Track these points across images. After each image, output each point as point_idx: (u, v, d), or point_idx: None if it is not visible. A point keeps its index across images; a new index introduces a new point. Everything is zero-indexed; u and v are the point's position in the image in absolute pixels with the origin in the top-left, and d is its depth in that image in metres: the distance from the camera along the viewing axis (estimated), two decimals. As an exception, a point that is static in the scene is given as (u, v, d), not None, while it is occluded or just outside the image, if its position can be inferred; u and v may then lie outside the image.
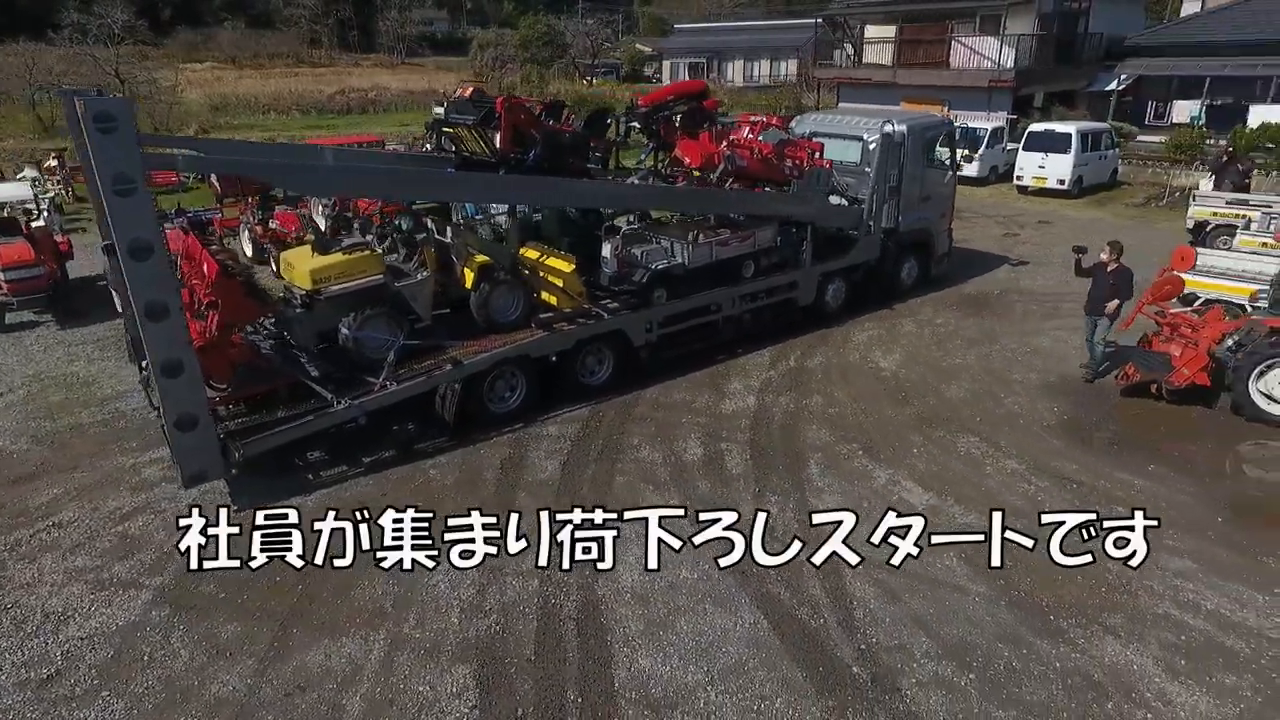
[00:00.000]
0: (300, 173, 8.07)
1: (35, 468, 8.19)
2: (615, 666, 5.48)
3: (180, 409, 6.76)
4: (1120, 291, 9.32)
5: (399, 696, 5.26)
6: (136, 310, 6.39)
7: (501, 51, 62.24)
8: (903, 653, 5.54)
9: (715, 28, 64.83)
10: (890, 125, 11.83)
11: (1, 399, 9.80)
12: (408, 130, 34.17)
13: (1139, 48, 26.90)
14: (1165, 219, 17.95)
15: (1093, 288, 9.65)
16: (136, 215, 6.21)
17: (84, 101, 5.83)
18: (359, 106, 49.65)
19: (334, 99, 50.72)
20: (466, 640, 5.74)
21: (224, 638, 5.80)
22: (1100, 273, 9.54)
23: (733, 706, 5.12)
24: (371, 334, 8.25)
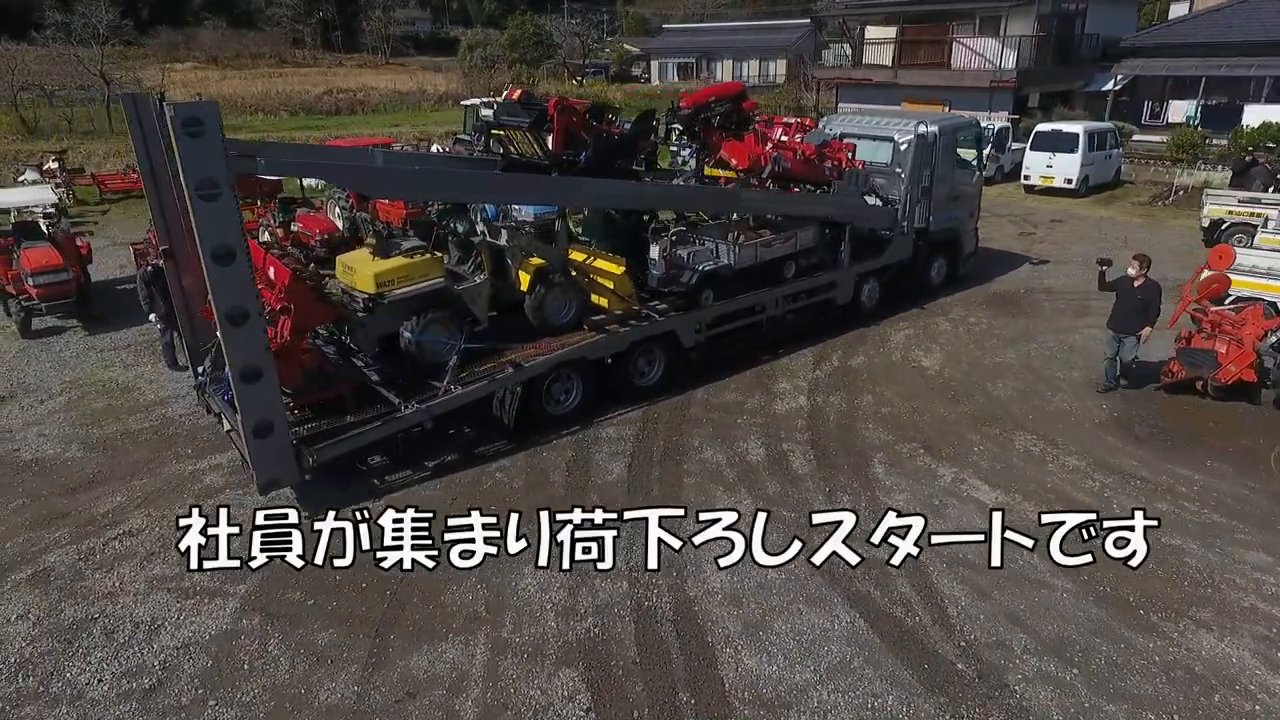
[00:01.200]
0: (379, 176, 8.04)
1: (93, 475, 8.08)
2: (722, 667, 5.51)
3: (258, 415, 6.70)
4: (1150, 308, 9.02)
5: (511, 701, 5.25)
6: (218, 316, 6.33)
7: (490, 52, 62.01)
8: (1003, 649, 5.62)
9: (704, 28, 65.04)
10: (924, 126, 11.95)
11: (43, 405, 9.66)
12: (398, 131, 34.10)
13: (1134, 48, 27.34)
14: (1174, 218, 18.27)
15: (1119, 303, 9.26)
16: (222, 220, 6.15)
17: (174, 106, 5.76)
18: (347, 107, 49.28)
19: (321, 99, 50.31)
20: (568, 643, 5.74)
21: (322, 645, 5.76)
22: (1127, 288, 9.18)
23: (846, 705, 5.17)
24: (433, 337, 8.22)
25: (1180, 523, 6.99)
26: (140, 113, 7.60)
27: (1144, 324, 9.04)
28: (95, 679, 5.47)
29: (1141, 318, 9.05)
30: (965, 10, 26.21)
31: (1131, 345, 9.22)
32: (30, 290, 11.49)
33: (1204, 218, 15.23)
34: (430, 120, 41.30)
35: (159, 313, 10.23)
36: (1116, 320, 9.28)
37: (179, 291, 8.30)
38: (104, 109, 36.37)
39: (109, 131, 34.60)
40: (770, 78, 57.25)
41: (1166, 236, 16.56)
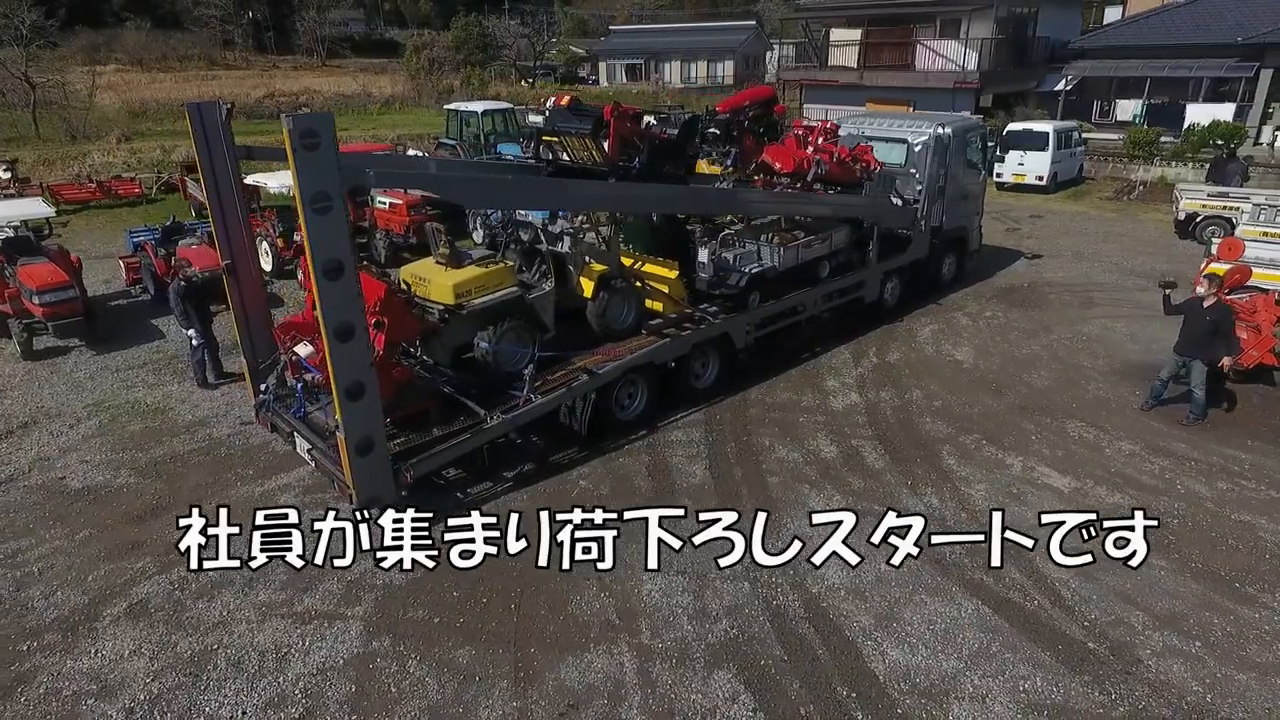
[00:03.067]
0: (488, 187, 7.94)
1: (156, 501, 7.74)
2: (869, 660, 5.65)
3: (361, 432, 6.55)
4: (1220, 330, 8.57)
5: (676, 706, 5.29)
6: (326, 331, 6.16)
7: (435, 54, 60.95)
8: (1125, 627, 5.91)
9: (651, 29, 65.32)
10: (940, 128, 12.36)
11: (74, 431, 9.19)
12: (349, 135, 33.34)
13: (1082, 50, 28.68)
14: (1144, 212, 19.30)
15: (1186, 325, 8.74)
16: (333, 234, 6.00)
17: (292, 118, 5.59)
18: (290, 111, 47.84)
19: (262, 103, 48.66)
20: (711, 646, 5.80)
21: (463, 663, 5.68)
22: (1196, 309, 8.69)
23: (1000, 690, 5.37)
24: (509, 347, 8.14)
25: (1244, 500, 7.45)
26: (205, 121, 7.34)
27: (1214, 347, 8.58)
28: (238, 712, 5.29)
29: (1211, 340, 8.58)
30: (927, 13, 27.08)
31: (1200, 372, 8.65)
32: (35, 309, 10.90)
33: (1180, 211, 16.14)
34: (379, 124, 40.45)
35: (197, 329, 9.85)
36: (1184, 343, 8.74)
37: (240, 307, 8.05)
38: (29, 114, 34.53)
39: (35, 138, 32.86)
40: (719, 79, 57.99)
41: (1141, 229, 17.50)
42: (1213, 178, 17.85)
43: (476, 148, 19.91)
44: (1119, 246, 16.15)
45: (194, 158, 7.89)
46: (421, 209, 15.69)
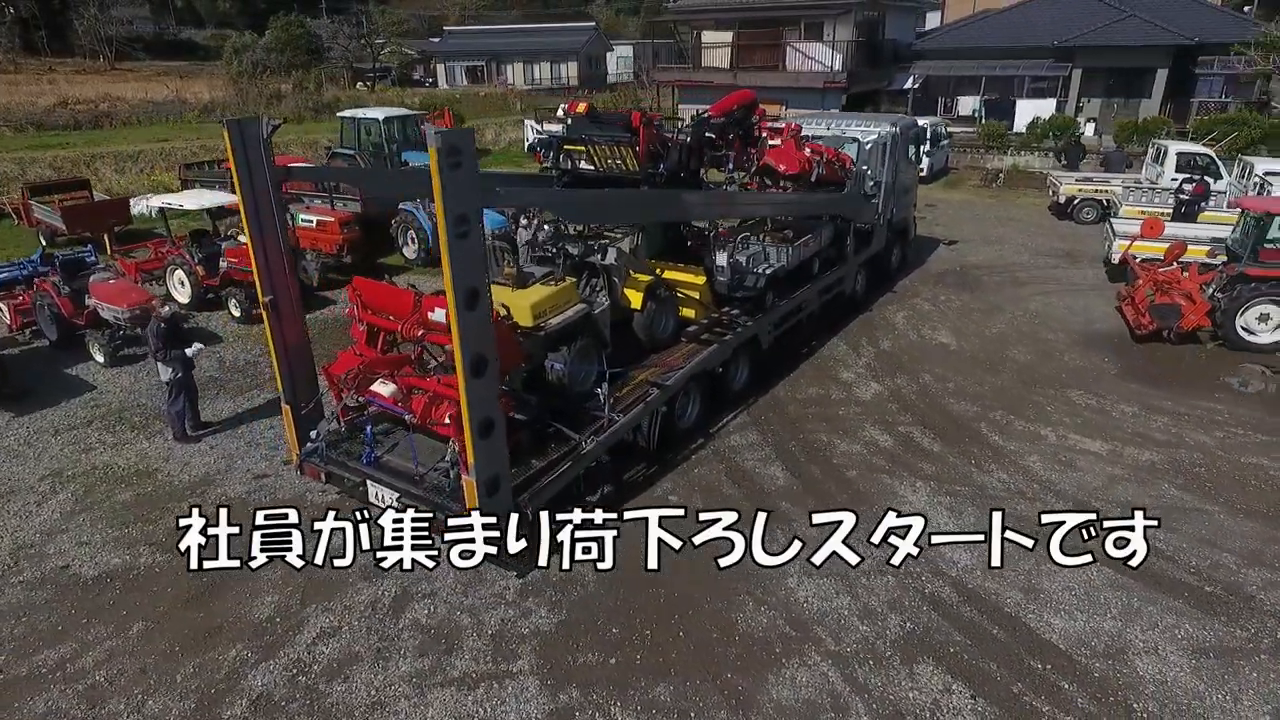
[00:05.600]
0: (603, 201, 7.63)
1: (206, 579, 6.70)
2: (1042, 632, 5.99)
3: (491, 470, 6.05)
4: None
5: (900, 706, 5.35)
6: (462, 364, 5.62)
7: (256, 56, 56.18)
8: (1223, 568, 6.66)
9: (490, 30, 64.02)
10: (890, 127, 13.17)
11: (44, 508, 7.78)
12: (170, 146, 30.46)
13: (924, 52, 31.41)
14: (1017, 197, 21.51)
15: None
16: (473, 259, 5.49)
17: (440, 134, 5.03)
18: (89, 121, 42.43)
19: (54, 112, 43.02)
20: (896, 642, 5.91)
21: (669, 700, 5.44)
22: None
23: (1164, 640, 5.89)
24: (581, 366, 7.80)
25: (1244, 445, 8.60)
26: (245, 138, 6.45)
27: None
28: (463, 798, 4.75)
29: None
30: (793, 16, 28.54)
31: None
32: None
33: (1059, 195, 18.20)
34: (201, 134, 36.44)
35: (179, 374, 8.61)
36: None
37: (281, 347, 7.13)
38: None
39: None
40: (563, 80, 57.88)
41: (1023, 213, 19.52)
42: (1069, 164, 20.27)
43: (380, 156, 18.67)
44: (1014, 229, 17.93)
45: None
46: (352, 225, 14.59)
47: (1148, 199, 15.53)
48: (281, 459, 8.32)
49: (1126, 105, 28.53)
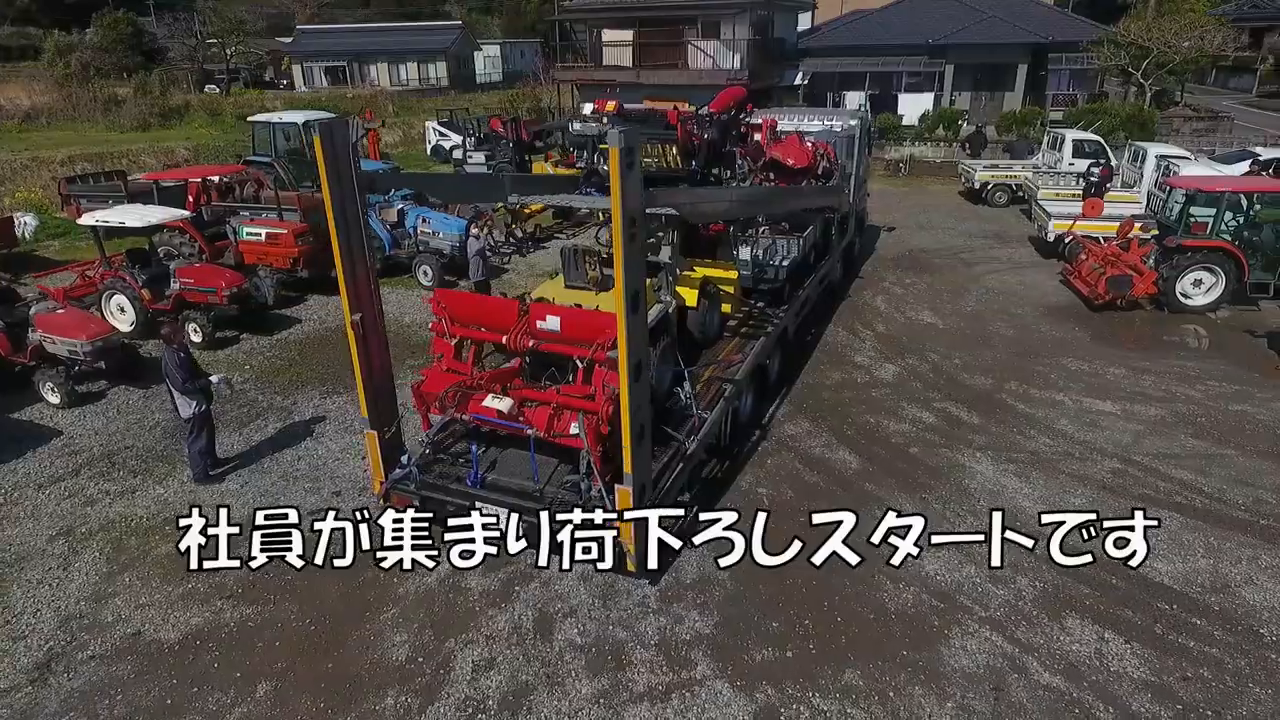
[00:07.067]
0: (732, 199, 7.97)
1: (312, 626, 6.12)
2: (1153, 576, 6.52)
3: (643, 478, 5.90)
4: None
5: (1070, 657, 5.70)
6: (625, 369, 5.44)
7: (83, 57, 50.56)
8: (1264, 504, 7.50)
9: (348, 29, 60.80)
10: (854, 121, 13.79)
11: (72, 573, 6.81)
12: (25, 154, 27.15)
13: (809, 49, 32.91)
14: (927, 184, 23.02)
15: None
16: (639, 262, 5.33)
17: (621, 134, 4.83)
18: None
19: None
20: (1037, 601, 6.26)
21: (862, 685, 5.52)
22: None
23: (1249, 568, 6.58)
24: (664, 365, 7.69)
25: (1224, 395, 9.71)
26: (336, 144, 5.93)
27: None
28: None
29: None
30: (689, 16, 29.08)
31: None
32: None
33: (974, 181, 19.68)
34: (28, 143, 32.35)
35: (201, 409, 7.75)
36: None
37: (366, 371, 6.59)
38: None
39: None
40: (432, 80, 55.99)
41: (940, 199, 20.94)
42: (973, 152, 22.05)
43: (300, 163, 17.41)
44: (941, 214, 19.23)
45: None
46: (306, 237, 13.56)
47: (1056, 182, 17.11)
48: (371, 490, 7.70)
49: (993, 98, 31.21)
